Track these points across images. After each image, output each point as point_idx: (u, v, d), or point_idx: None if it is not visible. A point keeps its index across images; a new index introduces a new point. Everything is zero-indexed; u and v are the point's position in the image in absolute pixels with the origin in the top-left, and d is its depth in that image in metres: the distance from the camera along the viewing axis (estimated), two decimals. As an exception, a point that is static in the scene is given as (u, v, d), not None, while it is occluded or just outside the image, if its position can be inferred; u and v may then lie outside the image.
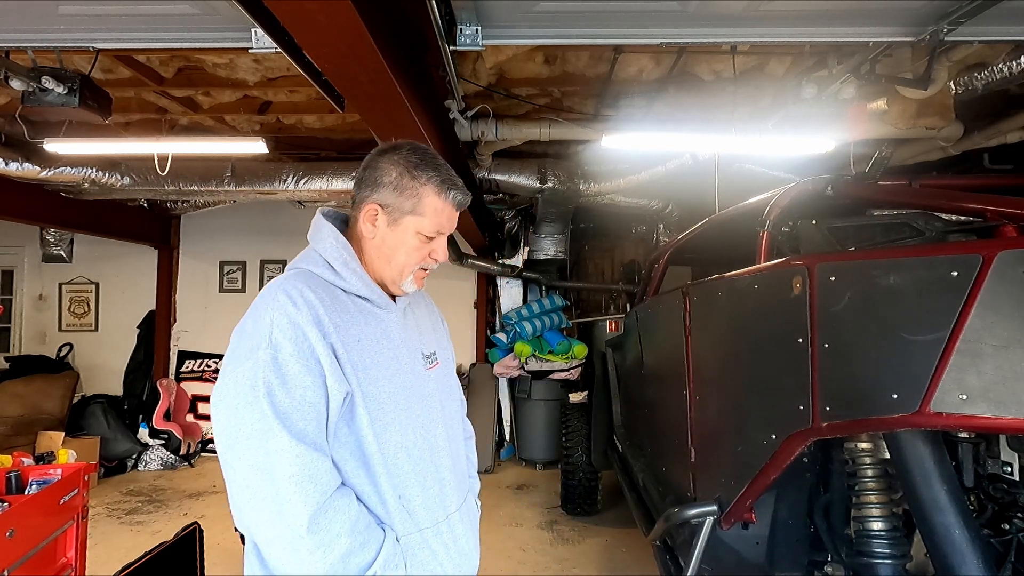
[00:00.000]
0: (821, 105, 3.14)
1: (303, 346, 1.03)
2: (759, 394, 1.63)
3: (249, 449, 0.99)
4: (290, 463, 0.98)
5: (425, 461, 1.18)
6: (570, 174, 4.87)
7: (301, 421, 1.01)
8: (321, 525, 0.98)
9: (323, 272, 1.16)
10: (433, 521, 1.17)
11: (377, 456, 1.10)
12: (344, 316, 1.11)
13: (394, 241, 1.18)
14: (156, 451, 5.88)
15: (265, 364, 1.01)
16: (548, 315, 6.13)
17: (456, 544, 1.22)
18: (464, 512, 1.28)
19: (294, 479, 0.97)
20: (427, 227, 1.18)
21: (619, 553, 3.82)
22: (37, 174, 4.35)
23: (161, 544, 2.28)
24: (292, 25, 1.76)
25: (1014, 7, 2.16)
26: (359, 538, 1.02)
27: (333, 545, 0.99)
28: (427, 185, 1.17)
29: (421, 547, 1.14)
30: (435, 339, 1.35)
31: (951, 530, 1.21)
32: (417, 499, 1.15)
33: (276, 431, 0.98)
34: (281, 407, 1.00)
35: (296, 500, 0.97)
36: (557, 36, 2.37)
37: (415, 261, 1.20)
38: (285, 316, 1.04)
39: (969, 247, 1.21)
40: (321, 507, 0.99)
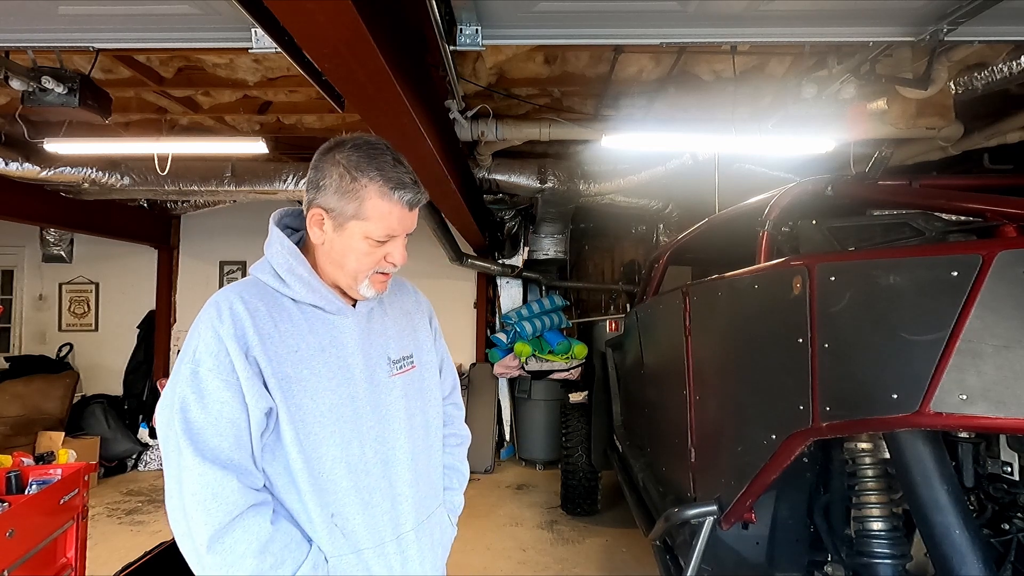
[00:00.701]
0: (821, 105, 3.14)
1: (223, 361, 1.01)
2: (759, 394, 1.63)
3: (168, 464, 1.00)
4: (194, 481, 0.96)
5: (373, 476, 1.11)
6: (570, 174, 4.87)
7: (215, 438, 0.99)
8: (225, 545, 0.96)
9: (270, 280, 1.12)
10: (377, 541, 1.11)
11: (303, 473, 1.05)
12: (282, 326, 1.07)
13: (342, 247, 1.11)
14: (156, 451, 5.87)
15: (184, 379, 1.01)
16: (548, 315, 6.13)
17: (405, 566, 1.14)
18: (424, 531, 1.20)
19: (196, 496, 0.96)
20: (375, 231, 1.08)
21: (619, 553, 3.82)
22: (37, 174, 4.35)
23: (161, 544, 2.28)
24: (292, 25, 1.76)
25: (1014, 7, 2.16)
26: (269, 559, 0.99)
27: (237, 565, 0.97)
28: (370, 186, 1.07)
29: (356, 569, 1.09)
30: (412, 341, 1.26)
31: (951, 530, 1.21)
32: (356, 518, 1.09)
33: (184, 449, 0.97)
34: (195, 424, 0.98)
35: (197, 518, 0.96)
36: (557, 36, 2.37)
37: (367, 267, 1.12)
38: (211, 329, 1.03)
39: (969, 247, 1.21)
40: (224, 527, 0.96)
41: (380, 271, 1.14)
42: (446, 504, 1.32)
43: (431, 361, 1.31)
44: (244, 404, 1.01)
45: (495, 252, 6.33)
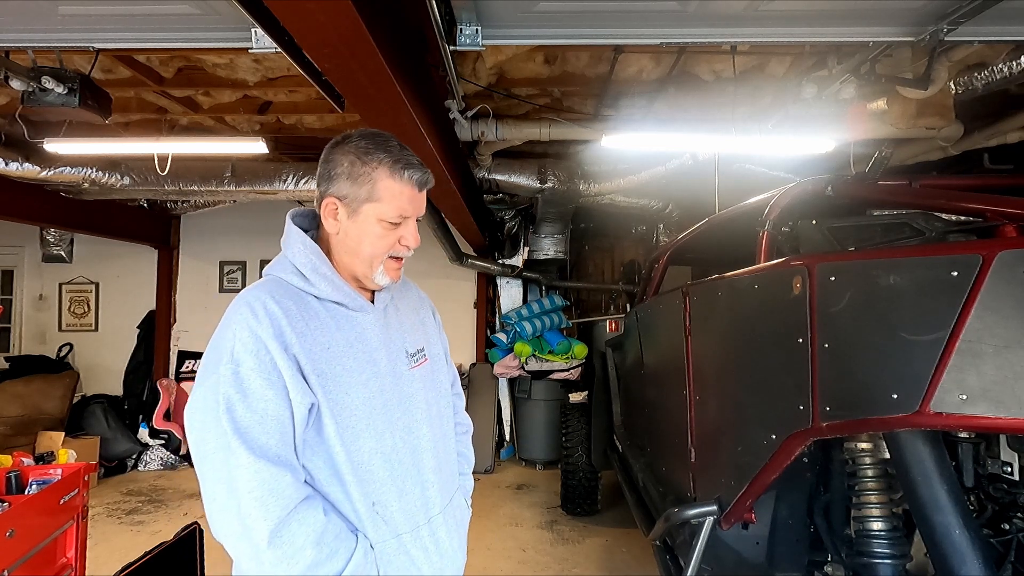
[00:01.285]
0: (821, 105, 3.15)
1: (264, 359, 1.02)
2: (759, 394, 1.63)
3: (215, 464, 1.00)
4: (249, 479, 0.97)
5: (405, 465, 1.16)
6: (570, 174, 4.87)
7: (262, 436, 1.00)
8: (284, 539, 0.98)
9: (293, 279, 1.14)
10: (412, 526, 1.16)
11: (346, 465, 1.08)
12: (312, 324, 1.09)
13: (357, 232, 1.14)
14: (156, 451, 5.88)
15: (226, 380, 1.01)
16: (548, 315, 6.13)
17: (438, 547, 1.20)
18: (449, 513, 1.26)
19: (253, 494, 0.97)
20: (388, 212, 1.13)
21: (619, 553, 3.82)
22: (37, 174, 4.35)
23: (161, 544, 2.28)
24: (292, 25, 1.76)
25: (1014, 7, 2.16)
26: (325, 549, 1.01)
27: (297, 558, 0.99)
28: (379, 168, 1.12)
29: (398, 553, 1.13)
30: (423, 335, 1.31)
31: (951, 530, 1.21)
32: (394, 505, 1.13)
33: (235, 448, 0.98)
34: (241, 423, 0.99)
35: (256, 515, 0.97)
36: (557, 36, 2.37)
37: (382, 250, 1.15)
38: (247, 329, 1.03)
39: (969, 247, 1.21)
40: (282, 521, 0.98)
41: (394, 255, 1.17)
42: (462, 488, 1.39)
43: (439, 354, 1.37)
44: (287, 401, 1.03)
45: (495, 252, 6.33)
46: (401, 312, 1.28)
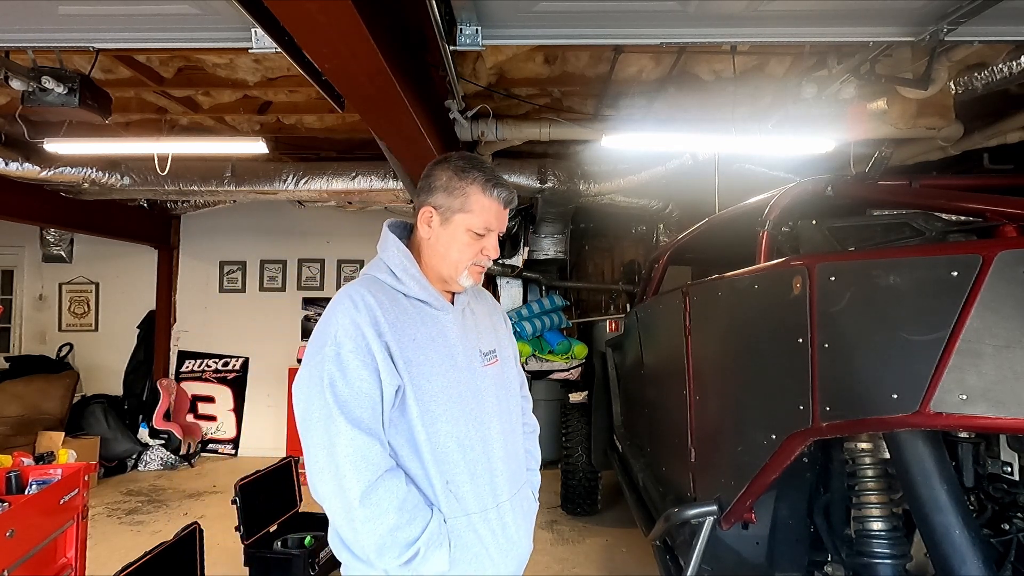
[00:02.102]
0: (821, 105, 3.14)
1: (361, 344, 1.17)
2: (759, 394, 1.63)
3: (317, 431, 1.14)
4: (346, 445, 1.12)
5: (476, 451, 1.27)
6: (570, 174, 4.87)
7: (358, 409, 1.14)
8: (372, 500, 1.11)
9: (386, 278, 1.29)
10: (481, 507, 1.26)
11: (426, 444, 1.21)
12: (402, 317, 1.24)
13: (447, 238, 1.30)
14: (156, 451, 5.88)
15: (329, 359, 1.16)
16: (548, 315, 6.13)
17: (504, 531, 1.29)
18: (516, 502, 1.35)
19: (349, 458, 1.11)
20: (476, 224, 1.29)
21: (619, 553, 3.82)
22: (37, 174, 4.35)
23: (161, 544, 2.28)
24: (292, 25, 1.76)
25: (1014, 7, 2.16)
26: (406, 515, 1.13)
27: (382, 519, 1.11)
28: (473, 184, 1.28)
29: (467, 530, 1.23)
30: (495, 338, 1.44)
31: (951, 530, 1.21)
32: (465, 485, 1.24)
33: (336, 417, 1.13)
34: (341, 396, 1.14)
35: (351, 476, 1.11)
36: (557, 36, 2.37)
37: (468, 257, 1.31)
38: (348, 317, 1.19)
39: (969, 247, 1.21)
40: (372, 484, 1.11)
41: (477, 263, 1.33)
42: (529, 483, 1.49)
43: (509, 357, 1.49)
44: (378, 382, 1.17)
45: (495, 252, 6.32)
46: (476, 315, 1.42)
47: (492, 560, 1.26)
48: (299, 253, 6.73)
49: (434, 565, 1.16)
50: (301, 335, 6.65)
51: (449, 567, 1.19)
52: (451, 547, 1.20)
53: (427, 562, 1.15)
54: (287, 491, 3.60)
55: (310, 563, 3.16)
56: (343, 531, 1.16)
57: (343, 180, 4.78)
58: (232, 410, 6.59)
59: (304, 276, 6.74)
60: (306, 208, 6.40)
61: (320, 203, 5.98)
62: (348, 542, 1.17)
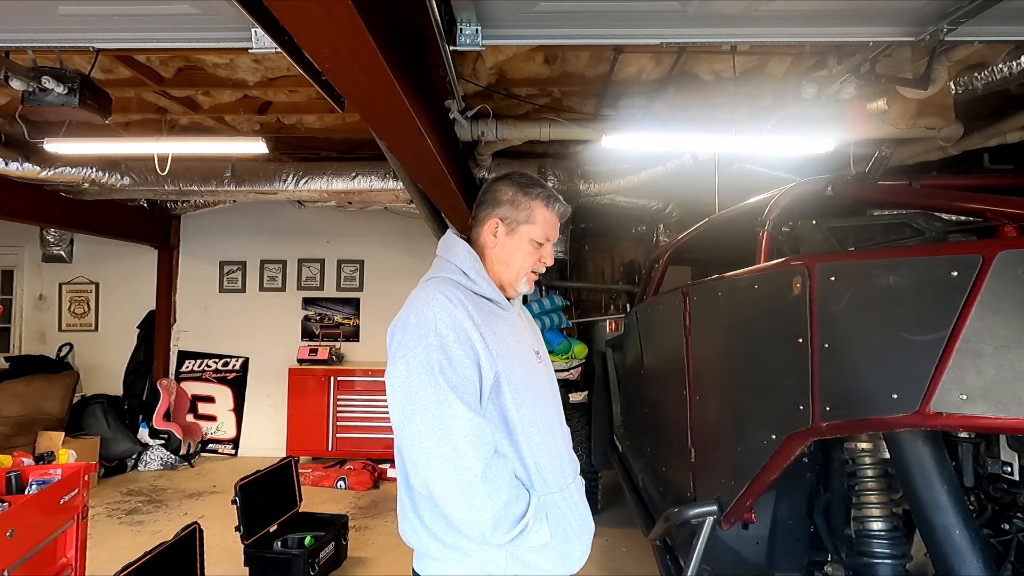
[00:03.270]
0: (821, 105, 3.14)
1: (462, 335, 1.25)
2: (759, 394, 1.63)
3: (427, 417, 1.19)
4: (464, 426, 1.18)
5: (547, 436, 1.36)
6: (570, 174, 4.87)
7: (466, 394, 1.22)
8: (490, 476, 1.19)
9: (460, 279, 1.38)
10: (560, 487, 1.35)
11: (519, 427, 1.30)
12: (483, 312, 1.33)
13: (512, 247, 1.42)
14: (156, 451, 5.88)
15: (435, 348, 1.22)
16: (548, 315, 6.12)
17: (578, 508, 1.39)
18: (578, 484, 1.46)
19: (468, 439, 1.18)
20: (538, 234, 1.42)
21: (619, 553, 3.82)
22: (37, 174, 4.35)
23: (161, 544, 2.29)
24: (292, 25, 1.76)
25: (1014, 7, 2.16)
26: (515, 491, 1.23)
27: (499, 494, 1.19)
28: (537, 199, 1.42)
29: (554, 507, 1.32)
30: (538, 341, 1.55)
31: (951, 530, 1.21)
32: (547, 467, 1.33)
33: (451, 401, 1.19)
34: (451, 381, 1.21)
35: (471, 455, 1.18)
36: (557, 36, 2.37)
37: (529, 264, 1.43)
38: (445, 311, 1.26)
39: (969, 247, 1.21)
40: (489, 462, 1.20)
41: (534, 270, 1.45)
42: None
43: (548, 358, 1.58)
44: (478, 370, 1.25)
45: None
46: (522, 319, 1.53)
47: (575, 533, 1.35)
48: (299, 253, 6.73)
49: (538, 537, 1.25)
50: (301, 335, 6.65)
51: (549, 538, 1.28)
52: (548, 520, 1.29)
53: (532, 535, 1.23)
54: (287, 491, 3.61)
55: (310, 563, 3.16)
56: (458, 512, 1.19)
57: (343, 180, 4.78)
58: (232, 410, 6.58)
59: (304, 276, 6.74)
60: (306, 208, 6.40)
61: (320, 203, 5.98)
62: (462, 523, 1.20)
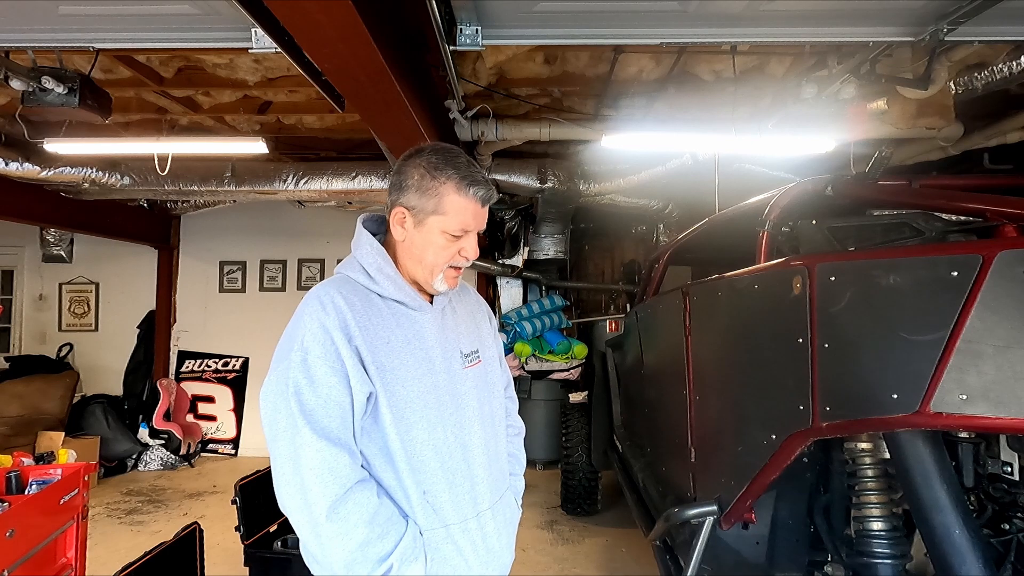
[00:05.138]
0: (821, 105, 3.14)
1: (329, 349, 1.11)
2: (759, 394, 1.63)
3: (283, 442, 1.09)
4: (311, 456, 1.06)
5: (455, 459, 1.21)
6: (570, 174, 4.87)
7: (325, 418, 1.09)
8: (340, 514, 1.05)
9: (360, 278, 1.22)
10: (461, 517, 1.20)
11: (400, 452, 1.15)
12: (375, 320, 1.17)
13: (422, 242, 1.22)
14: (156, 451, 5.88)
15: (295, 365, 1.10)
16: (548, 315, 6.13)
17: (485, 542, 1.24)
18: (498, 510, 1.30)
19: (315, 471, 1.05)
20: (451, 226, 1.20)
21: (619, 553, 3.82)
22: (37, 174, 4.35)
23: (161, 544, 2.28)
24: (292, 25, 1.76)
25: (1014, 7, 2.16)
26: (377, 529, 1.08)
27: (351, 534, 1.06)
28: (447, 183, 1.19)
29: (446, 542, 1.18)
30: (477, 337, 1.37)
31: (951, 530, 1.21)
32: (443, 495, 1.18)
33: (301, 427, 1.07)
34: (307, 405, 1.08)
35: (316, 491, 1.05)
36: (557, 36, 2.37)
37: (443, 260, 1.22)
38: (316, 321, 1.13)
39: (969, 247, 1.21)
40: (340, 498, 1.06)
41: (453, 265, 1.24)
42: (512, 488, 1.42)
43: (493, 357, 1.43)
44: (348, 388, 1.11)
45: (495, 252, 6.33)
46: (458, 314, 1.35)
47: (472, 572, 1.21)
48: (299, 253, 6.73)
49: None
50: (301, 335, 6.65)
51: None
52: (428, 561, 1.14)
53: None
54: (287, 491, 3.59)
55: (310, 563, 3.15)
56: (311, 547, 1.09)
57: (343, 180, 4.78)
58: (232, 410, 6.58)
59: (304, 276, 6.74)
60: (306, 208, 6.39)
61: (320, 203, 5.98)
62: (317, 558, 1.09)
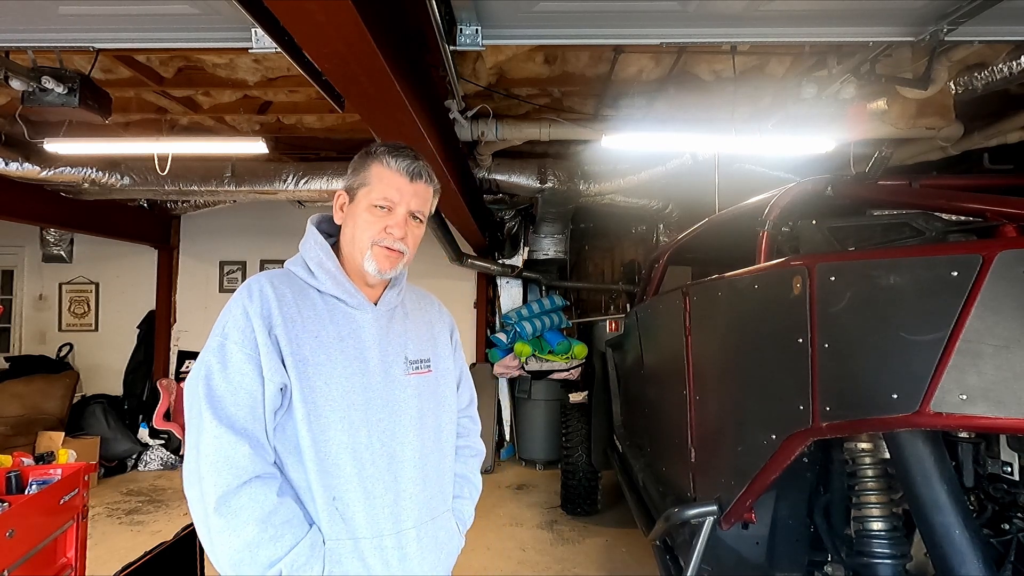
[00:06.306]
0: (821, 105, 3.14)
1: (248, 335, 1.09)
2: (759, 394, 1.63)
3: (190, 429, 1.06)
4: (209, 444, 1.02)
5: (378, 467, 1.14)
6: (570, 174, 4.87)
7: (232, 406, 1.05)
8: (230, 508, 1.00)
9: (299, 272, 1.21)
10: (375, 533, 1.12)
11: (310, 452, 1.09)
12: (306, 313, 1.15)
13: (352, 219, 1.21)
14: (156, 451, 5.88)
15: (212, 350, 1.09)
16: (548, 315, 6.13)
17: (403, 564, 1.14)
18: (426, 532, 1.20)
19: (209, 459, 1.01)
20: (374, 196, 1.18)
21: (619, 553, 3.82)
22: (37, 174, 4.35)
23: (161, 544, 2.28)
24: (292, 25, 1.76)
25: (1014, 7, 2.16)
26: (270, 530, 1.02)
27: (239, 531, 1.00)
28: (375, 157, 1.21)
29: (351, 557, 1.10)
30: (431, 347, 1.31)
31: (951, 530, 1.20)
32: (356, 505, 1.10)
33: (204, 414, 1.03)
34: (216, 392, 1.05)
35: (209, 480, 1.01)
36: (557, 36, 2.37)
37: (368, 236, 1.18)
38: (240, 307, 1.11)
39: (969, 247, 1.21)
40: (232, 491, 1.00)
41: (381, 243, 1.19)
42: (455, 512, 1.32)
43: (448, 370, 1.36)
44: (262, 378, 1.08)
45: (495, 252, 6.33)
46: (410, 320, 1.30)
47: None
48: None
49: None
50: (301, 335, 6.65)
51: None
52: (325, 573, 1.06)
53: None
54: (287, 491, 3.58)
55: (310, 563, 3.14)
56: (204, 540, 1.02)
57: (343, 180, 4.76)
58: (232, 410, 6.58)
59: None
60: (306, 208, 6.39)
61: (320, 203, 5.98)
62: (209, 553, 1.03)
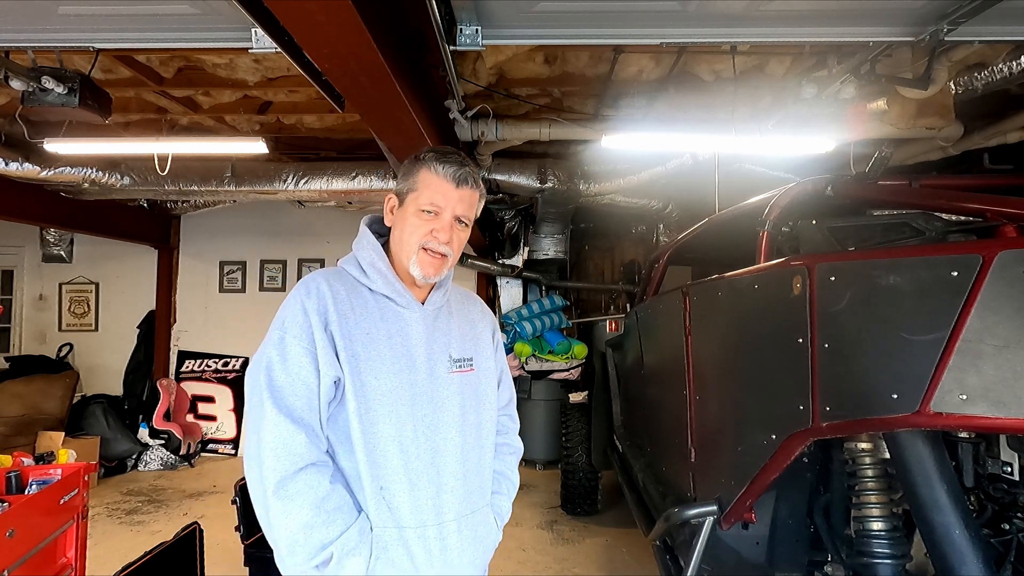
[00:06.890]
0: (821, 105, 3.14)
1: (306, 330, 1.15)
2: (759, 394, 1.63)
3: (251, 416, 1.13)
4: (270, 431, 1.09)
5: (423, 460, 1.19)
6: (570, 174, 4.87)
7: (291, 397, 1.12)
8: (288, 492, 1.07)
9: (353, 271, 1.28)
10: (419, 523, 1.17)
11: (360, 443, 1.15)
12: (359, 310, 1.21)
13: (401, 223, 1.26)
14: (156, 451, 5.88)
15: (273, 343, 1.15)
16: (548, 315, 6.13)
17: (444, 554, 1.20)
18: (467, 524, 1.25)
19: (270, 445, 1.08)
20: (422, 200, 1.23)
21: (619, 553, 3.82)
22: (37, 174, 4.35)
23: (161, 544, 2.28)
24: (292, 25, 1.76)
25: (1014, 7, 2.16)
26: (323, 515, 1.08)
27: (296, 514, 1.06)
28: (423, 163, 1.25)
29: (396, 544, 1.15)
30: (473, 346, 1.36)
31: (951, 530, 1.21)
32: (402, 496, 1.16)
33: (266, 403, 1.10)
34: (276, 382, 1.12)
35: (269, 465, 1.07)
36: (557, 36, 2.37)
37: (417, 239, 1.24)
38: (299, 303, 1.18)
39: (969, 247, 1.21)
40: (289, 476, 1.07)
41: (427, 246, 1.24)
42: (493, 507, 1.38)
43: (490, 369, 1.41)
44: (318, 371, 1.14)
45: (495, 252, 6.33)
46: (454, 319, 1.35)
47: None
48: (299, 253, 6.73)
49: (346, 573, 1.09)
50: (301, 335, 6.65)
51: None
52: (373, 559, 1.12)
53: (341, 569, 1.08)
54: (287, 491, 3.58)
55: (310, 563, 3.14)
56: (263, 523, 1.10)
57: (343, 180, 4.79)
58: (232, 410, 6.58)
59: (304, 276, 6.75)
60: (306, 208, 6.40)
61: (320, 203, 5.98)
62: (268, 536, 1.10)
